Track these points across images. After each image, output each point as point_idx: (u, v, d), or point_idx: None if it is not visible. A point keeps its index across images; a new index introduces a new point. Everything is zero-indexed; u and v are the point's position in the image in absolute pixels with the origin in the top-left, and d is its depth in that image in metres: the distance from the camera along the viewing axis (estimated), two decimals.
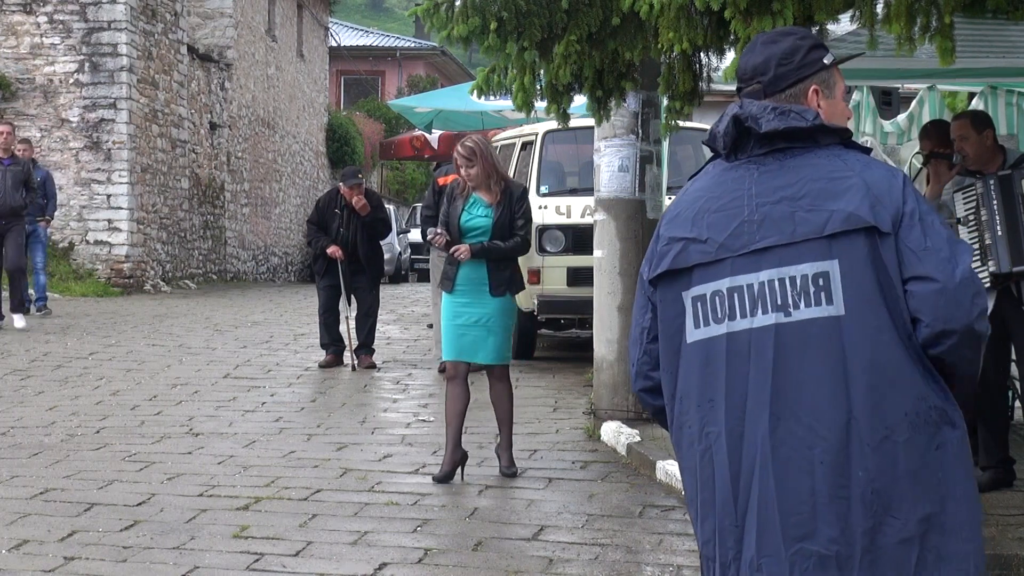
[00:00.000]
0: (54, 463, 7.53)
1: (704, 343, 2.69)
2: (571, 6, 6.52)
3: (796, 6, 5.22)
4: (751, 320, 2.64)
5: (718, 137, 2.78)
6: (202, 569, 5.53)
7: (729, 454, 2.63)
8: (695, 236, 2.72)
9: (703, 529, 2.71)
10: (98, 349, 12.54)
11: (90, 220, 20.02)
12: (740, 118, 2.72)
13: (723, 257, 2.68)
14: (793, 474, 2.57)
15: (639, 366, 2.88)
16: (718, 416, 2.66)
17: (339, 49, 36.86)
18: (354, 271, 11.65)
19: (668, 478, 7.11)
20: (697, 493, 2.72)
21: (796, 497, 2.57)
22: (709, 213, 2.72)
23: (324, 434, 8.60)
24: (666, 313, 2.77)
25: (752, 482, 2.60)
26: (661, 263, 2.77)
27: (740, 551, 2.62)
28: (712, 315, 2.68)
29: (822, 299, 2.59)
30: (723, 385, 2.65)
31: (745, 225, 2.67)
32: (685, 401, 2.73)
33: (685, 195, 2.83)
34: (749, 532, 2.61)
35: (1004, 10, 5.55)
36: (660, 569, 5.64)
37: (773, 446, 2.58)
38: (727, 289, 2.67)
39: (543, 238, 11.59)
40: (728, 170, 2.77)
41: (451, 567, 5.61)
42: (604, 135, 8.98)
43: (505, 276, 7.27)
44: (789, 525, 2.56)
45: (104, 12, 19.91)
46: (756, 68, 2.81)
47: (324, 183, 31.74)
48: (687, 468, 2.77)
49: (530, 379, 11.10)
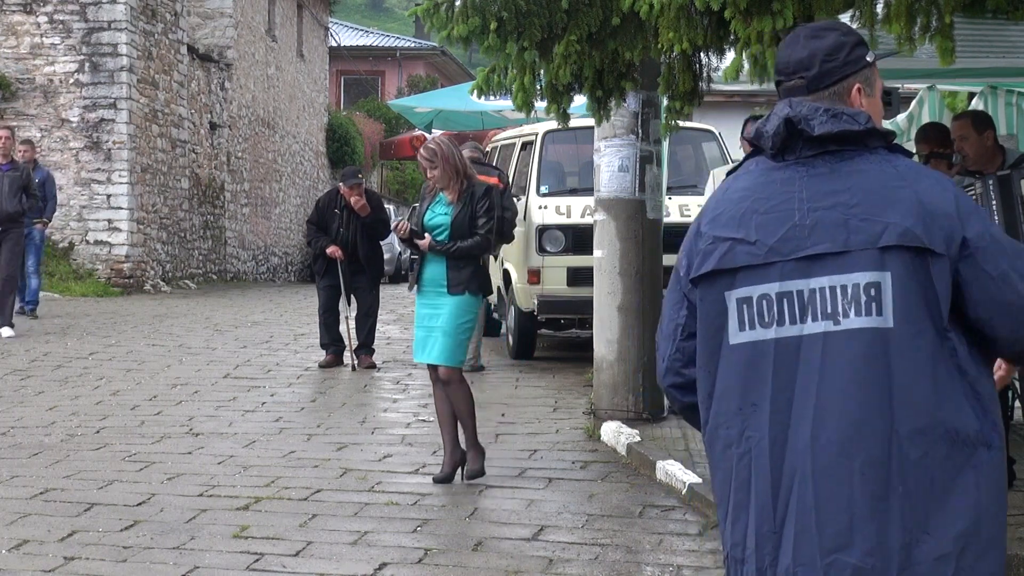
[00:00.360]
0: (54, 463, 7.53)
1: (749, 346, 2.65)
2: (571, 6, 6.52)
3: (796, 6, 5.22)
4: (800, 327, 2.61)
5: (766, 137, 2.71)
6: (202, 569, 5.53)
7: (771, 460, 2.61)
8: (742, 237, 2.67)
9: (733, 531, 2.69)
10: (98, 349, 12.54)
11: (90, 220, 20.02)
12: (793, 120, 2.66)
13: (772, 261, 2.64)
14: (832, 484, 2.56)
15: (670, 362, 2.84)
16: (761, 421, 2.63)
17: (339, 49, 36.85)
18: (354, 271, 11.65)
19: (668, 478, 7.12)
20: (730, 495, 2.70)
21: (834, 507, 2.55)
22: (757, 214, 2.67)
23: (324, 434, 8.60)
24: (707, 312, 2.73)
25: (792, 489, 2.59)
26: (706, 262, 2.71)
27: (777, 557, 2.61)
28: (759, 319, 2.64)
29: (872, 309, 2.57)
30: (768, 390, 2.62)
31: (796, 229, 2.63)
32: (724, 402, 2.70)
33: (727, 193, 2.76)
34: (787, 539, 2.59)
35: (1004, 10, 5.55)
36: (660, 569, 5.64)
37: (815, 455, 2.57)
38: (776, 294, 2.63)
39: (543, 238, 11.59)
40: (774, 170, 2.71)
41: (451, 567, 5.61)
42: (604, 135, 8.98)
43: (463, 275, 7.16)
44: (826, 535, 2.55)
45: (104, 12, 19.90)
46: (800, 63, 2.75)
47: (324, 183, 31.73)
48: (720, 468, 2.74)
49: (530, 379, 11.10)
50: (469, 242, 7.16)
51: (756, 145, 2.76)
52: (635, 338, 8.93)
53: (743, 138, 8.19)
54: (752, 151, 2.80)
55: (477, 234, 7.16)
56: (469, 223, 7.16)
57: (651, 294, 9.03)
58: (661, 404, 9.00)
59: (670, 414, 8.98)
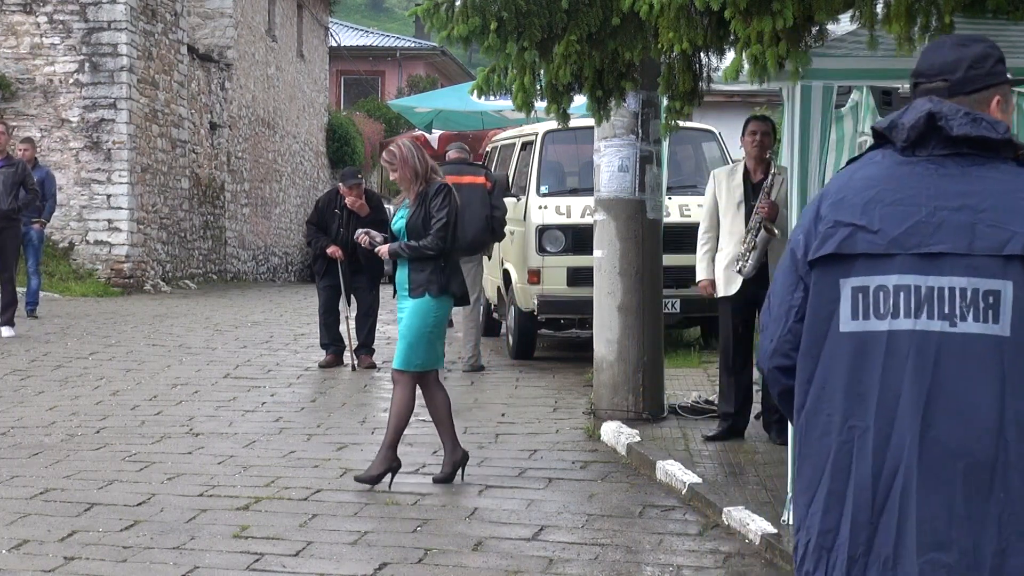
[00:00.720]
0: (54, 463, 7.53)
1: (861, 336, 2.65)
2: (571, 6, 6.52)
3: (796, 6, 5.22)
4: (914, 322, 2.61)
5: (902, 129, 2.71)
6: (202, 569, 5.53)
7: (874, 452, 2.62)
8: (865, 224, 2.67)
9: (824, 519, 2.68)
10: (98, 349, 12.54)
11: (90, 220, 20.01)
12: (936, 115, 2.66)
13: (893, 253, 2.64)
14: (934, 483, 2.57)
15: (779, 343, 2.81)
16: (867, 412, 2.64)
17: (339, 49, 36.85)
18: (353, 271, 11.65)
19: (668, 478, 7.11)
20: (822, 482, 2.70)
21: (935, 506, 2.57)
22: (883, 205, 2.67)
23: (324, 434, 8.60)
24: (818, 296, 2.72)
25: (893, 483, 2.60)
26: (824, 245, 2.70)
27: (871, 547, 2.62)
28: (874, 309, 2.64)
29: (989, 316, 2.58)
30: (877, 382, 2.63)
31: (921, 225, 2.63)
32: (827, 389, 2.70)
33: (851, 180, 2.75)
34: (885, 531, 2.61)
35: (1004, 10, 5.56)
36: (660, 569, 5.64)
37: (920, 452, 2.58)
38: (893, 286, 2.63)
39: (543, 238, 11.59)
40: (902, 164, 2.71)
41: (451, 567, 5.61)
42: (604, 135, 8.98)
43: (422, 277, 7.05)
44: (925, 532, 2.57)
45: (104, 12, 19.90)
46: (945, 66, 2.76)
47: (324, 183, 31.73)
48: (813, 454, 2.73)
49: (530, 379, 11.10)
50: (422, 242, 7.05)
51: (883, 135, 2.76)
52: (635, 338, 8.93)
53: (744, 138, 8.16)
54: (875, 143, 2.80)
55: (428, 234, 7.04)
56: (423, 224, 7.06)
57: (651, 294, 9.04)
58: (661, 404, 9.01)
59: (670, 414, 8.99)
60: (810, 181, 5.97)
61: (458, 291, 7.23)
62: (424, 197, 7.12)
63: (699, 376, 10.70)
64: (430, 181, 7.16)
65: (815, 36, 5.57)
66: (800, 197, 5.96)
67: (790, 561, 5.59)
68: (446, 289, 7.13)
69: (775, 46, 5.33)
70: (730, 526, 6.23)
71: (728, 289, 8.02)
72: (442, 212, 7.08)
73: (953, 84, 2.75)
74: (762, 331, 2.89)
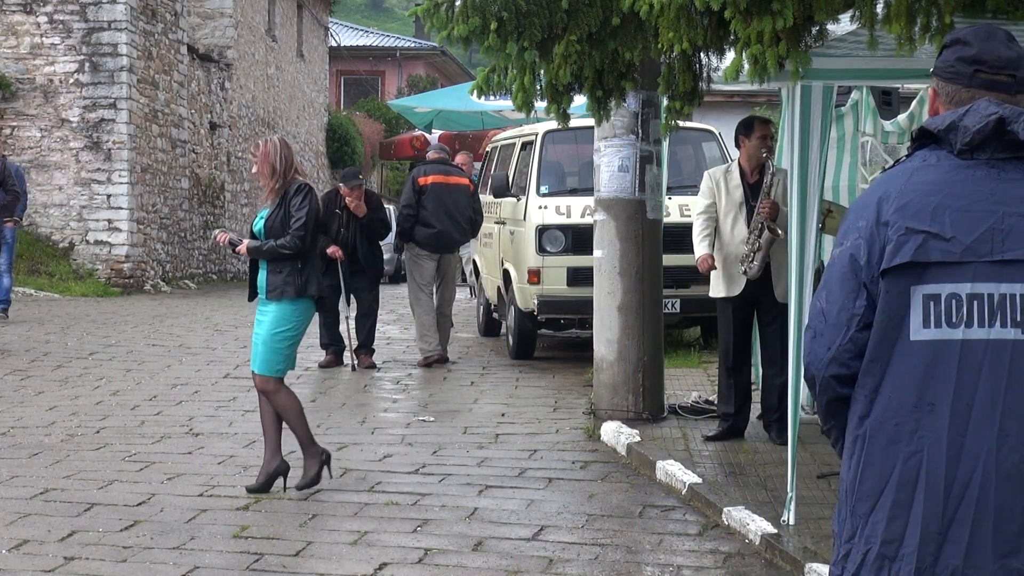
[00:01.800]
0: (54, 463, 7.53)
1: (933, 344, 2.63)
2: (571, 6, 6.52)
3: (796, 6, 5.22)
4: (988, 331, 2.59)
5: (965, 132, 2.66)
6: (202, 569, 5.53)
7: (947, 463, 2.60)
8: (937, 232, 2.63)
9: (888, 528, 2.66)
10: (98, 349, 12.54)
11: (90, 220, 20.01)
12: (1006, 120, 2.63)
13: (967, 260, 2.61)
14: (1011, 493, 2.58)
15: (838, 352, 2.74)
16: (939, 422, 2.61)
17: (339, 49, 36.85)
18: (353, 271, 11.66)
19: (668, 478, 7.11)
20: (885, 491, 2.67)
21: (1010, 515, 2.58)
22: (951, 211, 2.63)
23: (324, 434, 8.59)
24: (888, 304, 2.67)
25: (966, 493, 2.59)
26: (899, 253, 2.65)
27: (938, 558, 2.61)
28: (947, 318, 2.62)
29: None
30: (950, 392, 2.61)
31: (993, 232, 2.61)
32: (895, 398, 2.66)
33: (909, 183, 2.70)
34: (955, 542, 2.60)
35: (1004, 10, 5.56)
36: (660, 569, 5.64)
37: (998, 462, 2.58)
38: (967, 295, 2.61)
39: (543, 238, 11.59)
40: (961, 168, 2.67)
41: (451, 567, 5.61)
42: (604, 135, 8.98)
43: (279, 279, 6.87)
44: (999, 540, 2.58)
45: (104, 12, 19.90)
46: (1011, 61, 2.72)
47: (324, 183, 31.73)
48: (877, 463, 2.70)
49: (530, 379, 11.10)
50: (279, 241, 6.86)
51: (936, 136, 2.71)
52: (635, 338, 8.93)
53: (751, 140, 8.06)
54: (920, 142, 2.76)
55: (287, 234, 6.85)
56: (282, 224, 6.88)
57: (651, 294, 9.04)
58: (661, 404, 9.01)
59: (670, 414, 8.99)
60: (810, 181, 5.97)
61: (316, 293, 7.00)
62: (284, 197, 6.93)
63: (699, 376, 10.70)
64: (291, 180, 6.94)
65: (815, 36, 5.57)
66: (800, 197, 5.96)
67: (790, 561, 5.60)
68: (304, 291, 6.91)
69: (775, 46, 5.33)
70: (730, 526, 6.23)
71: (730, 290, 8.00)
72: (301, 211, 6.87)
73: (1020, 81, 2.72)
74: (813, 337, 2.80)
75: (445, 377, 11.27)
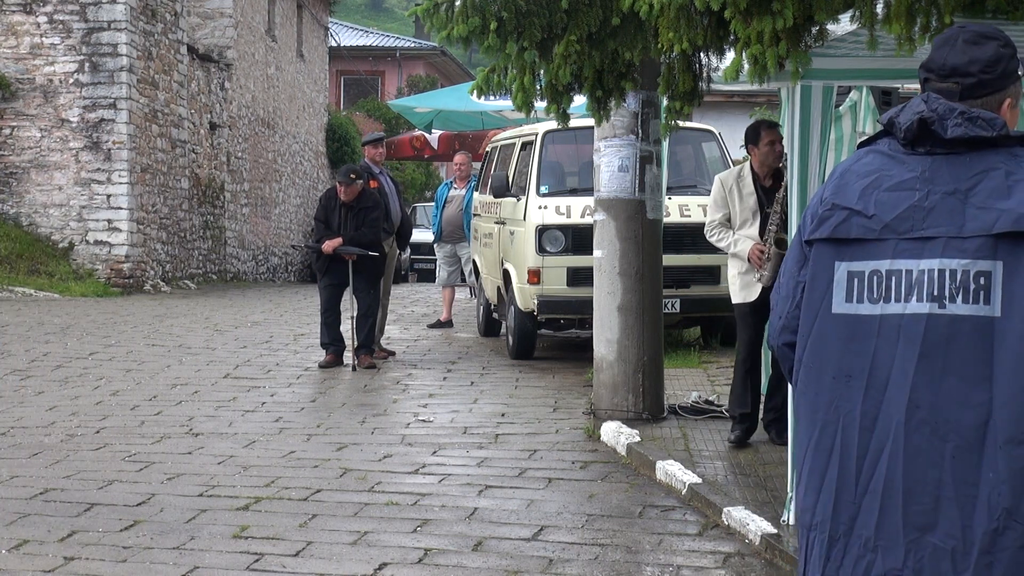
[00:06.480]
0: (54, 463, 7.53)
1: (852, 318, 2.69)
2: (571, 6, 6.52)
3: (796, 6, 5.22)
4: (904, 305, 2.64)
5: (898, 128, 2.75)
6: (202, 569, 5.53)
7: (860, 434, 2.65)
8: (860, 209, 2.71)
9: (805, 496, 2.75)
10: (98, 349, 12.54)
11: (90, 220, 20.02)
12: (927, 121, 2.69)
13: (886, 237, 2.68)
14: (922, 464, 2.59)
15: (788, 320, 2.86)
16: (854, 394, 2.67)
17: (339, 49, 36.86)
18: (353, 271, 11.67)
19: (668, 478, 7.12)
20: (806, 459, 2.76)
21: (922, 487, 2.59)
22: (879, 191, 2.71)
23: (324, 434, 8.60)
24: (814, 276, 2.77)
25: (878, 464, 2.63)
26: (821, 227, 2.76)
27: (852, 528, 2.66)
28: (868, 293, 2.68)
29: (980, 297, 2.59)
30: (867, 365, 2.66)
31: (914, 210, 2.67)
32: (814, 369, 2.75)
33: (855, 165, 2.80)
34: (867, 512, 2.64)
35: (1004, 10, 5.55)
36: (660, 569, 5.64)
37: (907, 433, 2.61)
38: (886, 271, 2.67)
39: (543, 238, 11.60)
40: (903, 153, 2.75)
41: (451, 567, 5.61)
42: (604, 135, 8.98)
43: None
44: (911, 513, 2.59)
45: (104, 12, 19.91)
46: (956, 68, 2.76)
47: (324, 183, 31.74)
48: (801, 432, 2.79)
49: (530, 379, 11.10)
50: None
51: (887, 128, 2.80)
52: (635, 338, 8.93)
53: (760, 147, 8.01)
54: (884, 131, 2.83)
55: None
56: None
57: (651, 294, 9.04)
58: (661, 404, 9.01)
59: (670, 414, 8.99)
60: (810, 181, 5.97)
61: None
62: None
63: (699, 376, 10.70)
64: None
65: (815, 36, 5.57)
66: (800, 197, 5.96)
67: (790, 561, 5.60)
68: None
69: (775, 46, 5.32)
70: (730, 526, 6.23)
71: (747, 296, 7.96)
72: None
73: (964, 89, 2.75)
74: (772, 309, 2.93)
75: (445, 377, 11.28)
